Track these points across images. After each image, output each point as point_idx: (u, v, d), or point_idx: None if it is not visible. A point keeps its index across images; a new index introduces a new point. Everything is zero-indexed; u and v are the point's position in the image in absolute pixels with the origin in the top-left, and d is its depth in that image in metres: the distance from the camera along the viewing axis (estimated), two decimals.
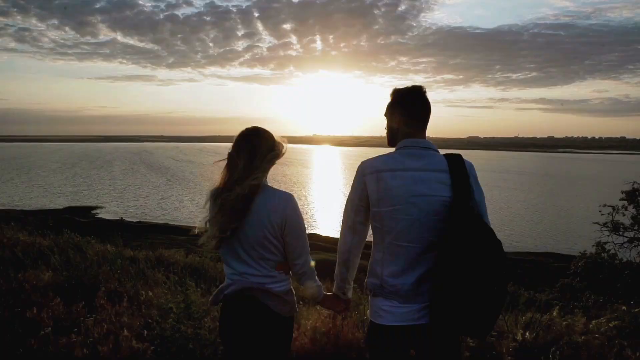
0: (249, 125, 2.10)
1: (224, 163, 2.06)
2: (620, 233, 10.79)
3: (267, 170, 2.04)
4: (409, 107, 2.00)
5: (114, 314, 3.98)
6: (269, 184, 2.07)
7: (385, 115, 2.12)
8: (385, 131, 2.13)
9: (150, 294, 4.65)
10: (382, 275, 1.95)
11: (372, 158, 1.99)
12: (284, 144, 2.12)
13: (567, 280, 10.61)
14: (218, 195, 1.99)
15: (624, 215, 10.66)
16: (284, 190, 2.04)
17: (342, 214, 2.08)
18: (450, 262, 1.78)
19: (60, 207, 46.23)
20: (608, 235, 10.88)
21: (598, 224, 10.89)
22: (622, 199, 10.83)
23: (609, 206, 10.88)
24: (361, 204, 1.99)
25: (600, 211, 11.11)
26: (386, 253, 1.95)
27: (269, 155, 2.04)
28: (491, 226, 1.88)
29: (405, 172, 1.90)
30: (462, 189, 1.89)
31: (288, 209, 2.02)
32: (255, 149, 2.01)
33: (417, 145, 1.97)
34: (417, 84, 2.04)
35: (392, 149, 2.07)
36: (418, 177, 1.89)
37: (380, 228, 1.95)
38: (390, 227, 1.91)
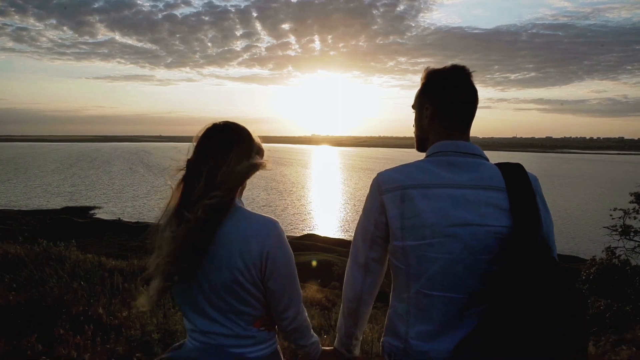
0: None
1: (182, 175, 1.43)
2: (631, 237, 10.59)
3: (239, 185, 1.39)
4: (448, 96, 1.41)
5: (74, 348, 3.23)
6: (243, 205, 1.44)
7: (414, 107, 1.52)
8: (413, 130, 1.55)
9: (125, 314, 4.07)
10: (406, 336, 1.38)
11: (392, 169, 1.41)
12: (262, 150, 1.51)
13: (579, 287, 10.46)
14: (167, 225, 1.35)
15: (635, 218, 10.46)
16: (264, 215, 1.40)
17: (351, 247, 1.50)
18: (508, 323, 1.20)
19: (58, 207, 46.11)
20: (618, 240, 10.69)
21: (608, 228, 10.69)
22: (631, 202, 10.63)
23: (619, 209, 10.68)
24: (377, 234, 1.40)
25: (611, 215, 10.92)
26: (413, 305, 1.37)
27: (244, 165, 1.38)
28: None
29: (441, 189, 1.31)
30: (527, 216, 1.30)
31: (270, 242, 1.35)
32: (225, 153, 1.37)
33: (459, 151, 1.37)
34: (459, 64, 1.45)
35: (421, 156, 1.50)
36: (461, 197, 1.30)
37: (405, 270, 1.36)
38: (420, 270, 1.33)
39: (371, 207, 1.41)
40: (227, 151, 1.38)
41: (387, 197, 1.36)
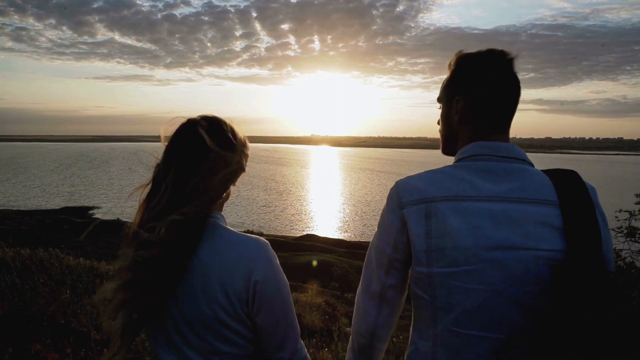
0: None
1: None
2: (636, 239, 10.62)
3: (217, 197, 1.12)
4: (484, 86, 1.14)
5: None
6: (225, 223, 1.17)
7: (440, 100, 1.27)
8: (439, 128, 1.29)
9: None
10: None
11: (415, 176, 1.16)
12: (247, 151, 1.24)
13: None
14: (127, 246, 1.08)
15: None
16: (251, 235, 1.16)
17: (363, 271, 1.25)
18: None
19: (57, 208, 46.08)
20: (623, 242, 10.74)
21: (613, 229, 10.75)
22: (637, 203, 10.67)
23: (625, 211, 10.74)
24: (396, 256, 1.15)
25: (616, 217, 11.01)
26: (439, 345, 1.13)
27: (223, 172, 1.11)
28: None
29: (478, 202, 1.06)
30: (586, 237, 1.04)
31: (258, 270, 1.09)
32: (200, 157, 1.10)
33: (498, 155, 1.11)
34: (495, 48, 1.17)
35: (448, 160, 1.25)
36: (503, 213, 1.05)
37: (430, 302, 1.11)
38: (450, 303, 1.08)
39: (389, 224, 1.15)
40: (203, 154, 1.10)
41: (408, 212, 1.10)
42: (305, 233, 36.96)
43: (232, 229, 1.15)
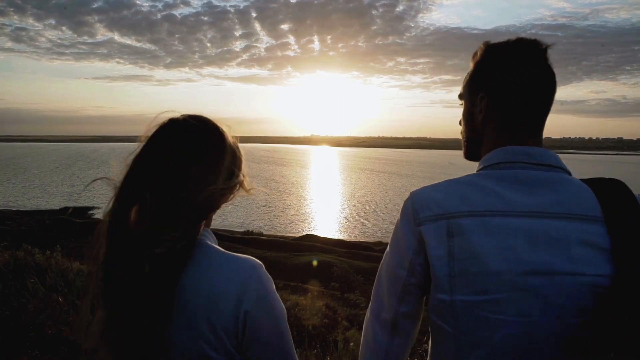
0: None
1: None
2: None
3: (203, 217, 0.95)
4: (514, 81, 0.97)
5: None
6: (213, 240, 1.00)
7: (461, 97, 1.11)
8: (461, 130, 1.13)
9: None
10: None
11: (433, 186, 1.01)
12: (240, 160, 1.06)
13: None
14: (94, 275, 0.91)
15: None
16: (242, 255, 0.96)
17: (372, 295, 1.12)
18: None
19: (57, 208, 46.08)
20: None
21: None
22: None
23: None
24: (412, 280, 1.00)
25: None
26: None
27: (211, 188, 0.93)
28: None
29: (509, 218, 0.91)
30: (638, 259, 0.87)
31: (249, 298, 0.92)
32: (182, 169, 0.92)
33: (531, 161, 0.96)
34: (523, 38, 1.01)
35: (470, 166, 1.12)
36: (540, 231, 0.89)
37: (454, 334, 0.95)
38: (478, 337, 0.92)
39: (403, 243, 0.99)
40: (185, 166, 0.91)
41: (427, 229, 0.94)
42: (305, 233, 36.96)
43: (219, 248, 0.97)
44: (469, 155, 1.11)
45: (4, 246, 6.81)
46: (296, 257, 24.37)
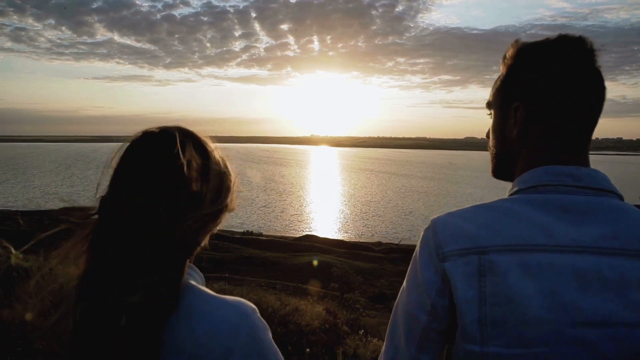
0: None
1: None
2: None
3: (188, 254, 0.82)
4: (556, 89, 0.83)
5: None
6: (199, 279, 0.86)
7: (490, 105, 0.95)
8: (489, 143, 0.96)
9: None
10: None
11: (458, 212, 0.85)
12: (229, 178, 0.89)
13: None
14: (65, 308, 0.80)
15: None
16: (231, 298, 0.81)
17: (385, 343, 0.93)
18: None
19: (56, 208, 46.07)
20: None
21: None
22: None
23: None
24: (434, 325, 0.84)
25: None
26: None
27: (195, 216, 0.78)
28: None
29: (554, 255, 0.75)
30: None
31: (239, 350, 0.76)
32: (158, 197, 0.76)
33: (579, 185, 0.81)
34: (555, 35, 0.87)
35: (502, 188, 0.94)
36: (593, 271, 0.74)
37: None
38: None
39: (423, 281, 0.82)
40: (161, 191, 0.75)
41: (453, 266, 0.78)
42: (304, 233, 36.96)
43: (206, 290, 0.80)
44: (499, 174, 0.95)
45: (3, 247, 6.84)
46: (296, 258, 24.36)
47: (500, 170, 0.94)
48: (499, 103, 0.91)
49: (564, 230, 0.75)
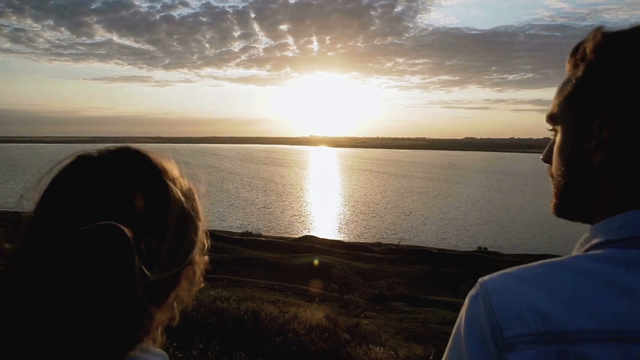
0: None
1: None
2: None
3: (141, 332, 0.54)
4: None
5: None
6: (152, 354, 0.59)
7: (554, 119, 0.69)
8: (549, 168, 0.71)
9: None
10: None
11: (520, 273, 0.57)
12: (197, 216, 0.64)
13: None
14: None
15: None
16: None
17: None
18: None
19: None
20: None
21: None
22: None
23: None
24: None
25: None
26: None
27: (147, 280, 0.52)
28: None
29: None
30: None
31: None
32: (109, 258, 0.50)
33: None
34: None
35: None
36: None
37: None
38: None
39: None
40: (116, 235, 0.53)
41: (521, 358, 0.52)
42: (304, 234, 36.81)
43: None
44: (566, 211, 0.67)
45: None
46: (295, 258, 24.19)
47: (569, 208, 0.67)
48: (573, 117, 0.64)
49: None
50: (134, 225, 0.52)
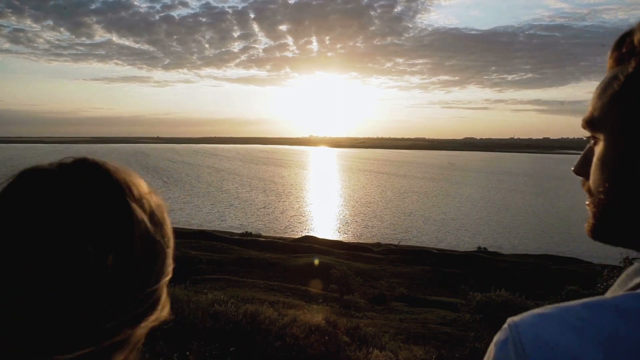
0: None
1: None
2: None
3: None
4: None
5: None
6: None
7: (595, 125, 0.54)
8: (589, 183, 0.55)
9: None
10: None
11: (555, 315, 0.43)
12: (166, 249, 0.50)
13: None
14: None
15: None
16: None
17: None
18: None
19: None
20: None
21: None
22: None
23: None
24: None
25: None
26: None
27: (111, 322, 0.43)
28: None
29: None
30: None
31: None
32: (47, 280, 0.41)
33: None
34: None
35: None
36: None
37: None
38: None
39: None
40: (38, 282, 0.41)
41: None
42: (304, 234, 36.74)
43: None
44: (606, 235, 0.54)
45: None
46: (295, 259, 24.13)
47: (611, 230, 0.53)
48: (620, 121, 0.51)
49: None
50: (87, 270, 0.42)
